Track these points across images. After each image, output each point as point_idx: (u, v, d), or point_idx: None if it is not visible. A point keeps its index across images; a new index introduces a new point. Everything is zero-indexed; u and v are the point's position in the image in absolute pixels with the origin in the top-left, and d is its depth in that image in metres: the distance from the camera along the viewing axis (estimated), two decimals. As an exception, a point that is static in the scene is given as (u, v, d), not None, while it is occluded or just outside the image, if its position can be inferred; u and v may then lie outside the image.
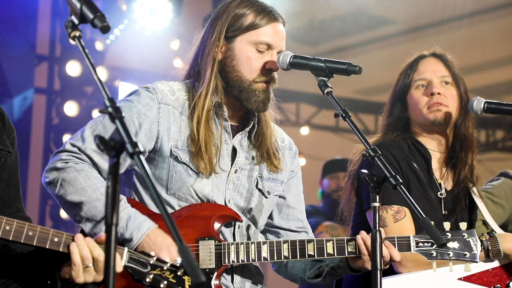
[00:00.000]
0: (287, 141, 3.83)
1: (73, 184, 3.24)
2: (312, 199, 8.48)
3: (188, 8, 9.73)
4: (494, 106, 3.96)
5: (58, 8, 9.22)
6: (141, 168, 2.23)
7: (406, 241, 3.43)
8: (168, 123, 3.48)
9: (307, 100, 12.23)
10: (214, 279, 3.34)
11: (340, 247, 3.41)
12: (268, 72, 3.53)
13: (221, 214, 3.45)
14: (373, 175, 3.02)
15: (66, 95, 9.33)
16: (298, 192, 3.83)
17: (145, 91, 3.50)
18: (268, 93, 3.55)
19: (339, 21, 11.07)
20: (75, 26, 2.49)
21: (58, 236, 2.83)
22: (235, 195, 3.55)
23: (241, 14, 3.55)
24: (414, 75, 4.15)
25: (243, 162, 3.59)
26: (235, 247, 3.38)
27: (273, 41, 3.53)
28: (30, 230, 2.78)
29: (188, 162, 3.45)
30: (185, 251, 2.09)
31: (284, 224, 3.74)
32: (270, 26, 3.54)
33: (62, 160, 3.32)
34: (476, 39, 11.13)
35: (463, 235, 3.41)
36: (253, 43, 3.52)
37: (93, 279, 2.86)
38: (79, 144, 3.36)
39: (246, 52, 3.52)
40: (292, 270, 3.70)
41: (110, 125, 3.35)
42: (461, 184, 4.11)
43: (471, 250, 3.39)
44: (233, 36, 3.54)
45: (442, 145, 4.16)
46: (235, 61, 3.53)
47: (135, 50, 9.46)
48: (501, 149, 13.19)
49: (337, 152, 9.39)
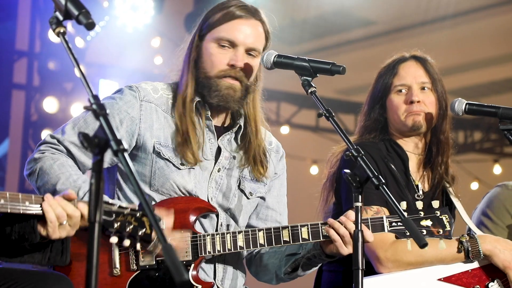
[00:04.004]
0: (274, 144, 3.85)
1: (49, 173, 3.30)
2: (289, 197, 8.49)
3: (169, 5, 9.69)
4: (475, 107, 3.99)
5: (38, 3, 9.16)
6: (125, 165, 2.24)
7: (379, 221, 3.47)
8: (151, 120, 3.50)
9: (287, 99, 12.24)
10: (192, 270, 3.38)
11: (315, 231, 3.43)
12: (231, 68, 3.52)
13: (195, 207, 3.48)
14: (356, 175, 3.03)
15: (45, 91, 9.27)
16: (280, 194, 3.83)
17: (128, 90, 3.54)
18: (233, 90, 3.53)
19: (321, 20, 11.09)
20: (60, 22, 2.49)
21: (28, 199, 2.90)
22: (217, 193, 3.57)
23: (211, 14, 3.58)
24: (394, 80, 4.16)
25: (226, 161, 3.59)
26: (210, 238, 3.41)
27: (235, 37, 3.52)
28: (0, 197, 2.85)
29: (171, 158, 3.48)
30: (169, 250, 2.09)
31: (261, 224, 3.75)
32: (233, 23, 3.54)
33: (40, 150, 3.39)
34: (457, 41, 11.19)
35: (436, 212, 3.47)
36: (215, 39, 3.53)
37: (66, 234, 2.95)
38: (58, 136, 3.42)
39: (209, 49, 3.55)
40: (266, 268, 3.70)
41: (92, 120, 3.40)
42: (438, 185, 4.14)
43: (444, 227, 3.45)
44: (204, 35, 3.58)
45: (419, 148, 4.19)
46: (202, 58, 3.57)
47: (116, 47, 9.43)
48: (479, 151, 13.28)
49: (317, 152, 9.41)
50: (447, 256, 3.81)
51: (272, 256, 3.66)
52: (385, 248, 3.82)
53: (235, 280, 3.63)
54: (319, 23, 11.12)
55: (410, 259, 3.80)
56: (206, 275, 3.52)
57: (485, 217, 4.39)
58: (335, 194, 4.13)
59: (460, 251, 3.81)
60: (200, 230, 3.48)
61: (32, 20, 9.27)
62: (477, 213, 4.46)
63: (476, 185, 12.55)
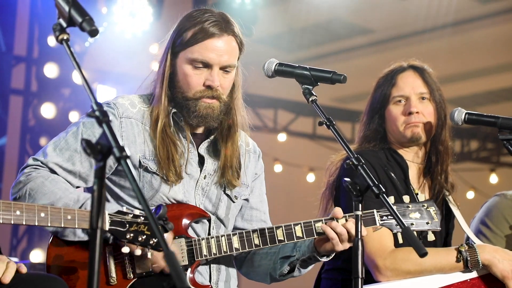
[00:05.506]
0: (251, 144, 3.85)
1: (41, 190, 3.26)
2: (286, 205, 8.50)
3: (168, 12, 9.71)
4: (475, 117, 4.00)
5: (37, 9, 9.17)
6: (127, 172, 2.23)
7: (371, 216, 3.50)
8: (133, 136, 3.49)
9: (284, 106, 12.27)
10: (189, 273, 3.40)
11: (308, 229, 3.46)
12: (208, 88, 3.50)
13: (188, 213, 3.49)
14: (356, 183, 3.04)
15: (43, 97, 9.27)
16: (261, 193, 3.85)
17: (106, 107, 3.49)
18: (212, 109, 3.51)
19: (319, 29, 11.12)
20: (63, 29, 2.48)
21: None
22: (204, 199, 3.59)
23: (184, 30, 3.52)
24: (393, 90, 4.17)
25: (211, 168, 3.61)
26: (205, 242, 3.43)
27: (209, 58, 3.48)
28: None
29: (158, 171, 3.47)
30: (171, 256, 2.09)
31: (247, 225, 3.76)
32: (206, 43, 3.48)
33: (25, 173, 3.35)
34: (454, 50, 11.22)
35: (423, 205, 3.52)
36: (189, 60, 3.49)
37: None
38: (41, 159, 3.39)
39: (183, 69, 3.51)
40: (259, 269, 3.71)
41: (73, 141, 3.40)
42: (438, 194, 4.15)
43: (432, 219, 3.50)
44: (177, 52, 3.54)
45: (419, 157, 4.20)
46: (177, 77, 3.53)
47: (114, 53, 9.43)
48: (475, 160, 13.31)
49: (314, 160, 9.42)
50: (446, 265, 3.81)
51: (264, 258, 3.68)
52: (384, 257, 3.82)
53: (228, 282, 3.65)
54: (317, 31, 11.15)
55: (409, 268, 3.80)
56: (203, 278, 3.53)
57: (484, 226, 4.40)
58: (335, 203, 4.13)
59: (459, 260, 3.81)
60: (193, 235, 3.50)
61: (30, 26, 9.28)
62: (476, 222, 4.46)
63: (472, 194, 12.57)
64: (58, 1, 2.50)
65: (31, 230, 9.29)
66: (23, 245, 9.32)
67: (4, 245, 9.02)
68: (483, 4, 10.66)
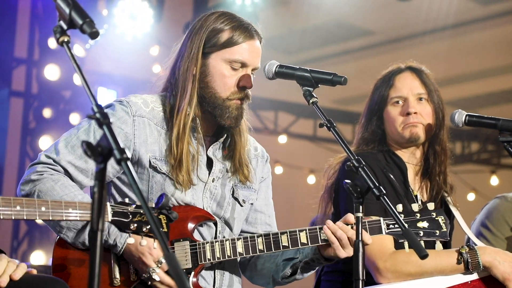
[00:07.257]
0: (259, 149, 3.86)
1: (51, 194, 3.25)
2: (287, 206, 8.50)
3: (168, 14, 9.71)
4: (475, 119, 3.99)
5: (37, 11, 9.17)
6: (128, 174, 2.23)
7: (377, 224, 3.48)
8: (145, 135, 3.49)
9: (285, 108, 12.27)
10: (192, 277, 3.39)
11: (313, 236, 3.45)
12: (242, 89, 3.53)
13: (194, 215, 3.48)
14: (357, 185, 3.04)
15: (43, 99, 9.27)
16: (267, 196, 3.85)
17: (119, 105, 3.51)
18: (241, 110, 3.55)
19: (319, 31, 11.12)
20: (64, 31, 2.48)
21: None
22: (212, 203, 3.58)
23: (218, 30, 3.53)
24: (390, 91, 4.17)
25: (219, 171, 3.61)
26: (210, 246, 3.42)
27: (248, 59, 3.52)
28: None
29: (168, 172, 3.47)
30: (171, 259, 2.09)
31: (251, 229, 3.76)
32: (245, 44, 3.53)
33: (37, 172, 3.33)
34: (455, 52, 11.22)
35: (432, 214, 3.50)
36: (227, 60, 3.51)
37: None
38: (54, 156, 3.38)
39: (221, 70, 3.52)
40: (262, 272, 3.71)
41: (85, 138, 3.38)
42: (436, 195, 4.15)
43: (440, 228, 3.48)
44: (209, 52, 3.54)
45: (416, 158, 4.20)
46: (210, 77, 3.53)
47: (115, 55, 9.44)
48: (476, 162, 13.31)
49: (314, 161, 9.42)
50: (447, 267, 3.81)
51: (267, 261, 3.68)
52: (384, 259, 3.82)
53: (231, 287, 3.64)
54: (318, 33, 11.16)
55: (409, 270, 3.80)
56: (207, 283, 3.53)
57: (485, 228, 4.40)
58: (334, 205, 4.13)
59: (459, 262, 3.80)
60: (199, 238, 3.49)
61: (31, 28, 9.28)
62: (476, 224, 4.46)
63: (473, 196, 12.56)
64: (58, 3, 2.50)
65: (31, 232, 9.29)
66: (24, 247, 9.32)
67: (5, 247, 9.01)
68: (483, 6, 10.66)
